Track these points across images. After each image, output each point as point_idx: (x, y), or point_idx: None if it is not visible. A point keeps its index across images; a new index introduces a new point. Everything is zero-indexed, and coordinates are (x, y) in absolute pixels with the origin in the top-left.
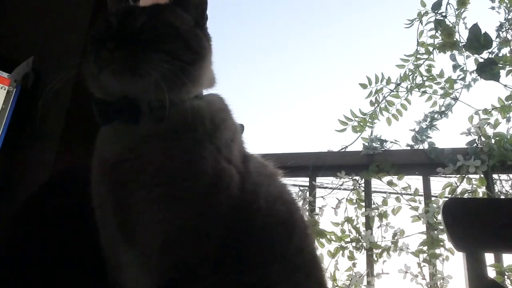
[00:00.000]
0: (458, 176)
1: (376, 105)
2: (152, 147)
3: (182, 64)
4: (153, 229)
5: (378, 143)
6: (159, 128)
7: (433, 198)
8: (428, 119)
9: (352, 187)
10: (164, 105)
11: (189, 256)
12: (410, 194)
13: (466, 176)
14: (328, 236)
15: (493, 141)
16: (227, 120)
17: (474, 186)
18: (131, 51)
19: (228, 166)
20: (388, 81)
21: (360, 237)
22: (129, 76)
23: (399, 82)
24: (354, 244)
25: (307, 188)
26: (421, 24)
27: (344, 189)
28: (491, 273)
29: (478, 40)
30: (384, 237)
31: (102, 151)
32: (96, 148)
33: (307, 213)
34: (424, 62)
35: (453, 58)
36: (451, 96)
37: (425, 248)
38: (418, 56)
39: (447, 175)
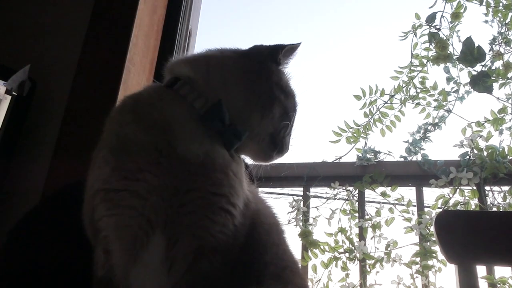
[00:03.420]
0: (450, 188)
1: (370, 116)
2: (223, 162)
3: None
4: (192, 232)
5: (372, 154)
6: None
7: (426, 209)
8: (422, 131)
9: (346, 197)
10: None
11: (216, 269)
12: (403, 205)
13: (459, 188)
14: (322, 247)
15: (485, 153)
16: None
17: (467, 198)
18: None
19: (247, 192)
20: (382, 93)
21: (353, 247)
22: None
23: (393, 94)
24: (347, 254)
25: (301, 198)
26: (415, 36)
27: (338, 199)
28: (483, 285)
29: (471, 53)
30: (377, 248)
31: (179, 144)
32: (154, 129)
33: (300, 223)
34: (418, 74)
35: (446, 70)
36: (445, 108)
37: (418, 259)
38: (412, 68)
39: (440, 187)
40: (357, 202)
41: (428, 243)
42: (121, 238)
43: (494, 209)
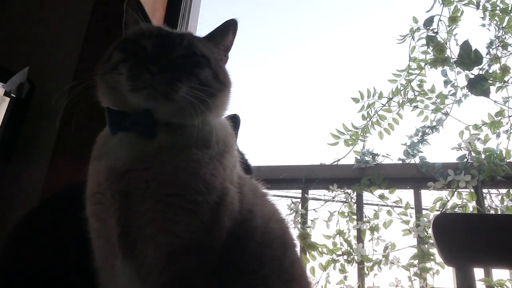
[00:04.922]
0: (448, 190)
1: (368, 119)
2: (166, 158)
3: (210, 91)
4: (159, 240)
5: (370, 156)
6: (175, 141)
7: (424, 212)
8: (420, 134)
9: (344, 200)
10: (183, 124)
11: (192, 269)
12: (401, 208)
13: (457, 190)
14: (320, 249)
15: (483, 156)
16: (233, 146)
17: (464, 200)
18: (170, 79)
19: (230, 186)
20: (380, 96)
21: (351, 250)
22: (162, 101)
23: (391, 97)
24: (345, 257)
25: (299, 200)
26: (413, 40)
27: (336, 201)
28: (481, 287)
29: (468, 57)
30: (375, 250)
31: (110, 159)
32: (100, 155)
33: (299, 226)
34: (416, 77)
35: (444, 73)
36: (442, 111)
37: (415, 261)
38: (410, 71)
39: (437, 189)
40: (355, 205)
41: (426, 246)
42: (98, 258)
43: (492, 211)
